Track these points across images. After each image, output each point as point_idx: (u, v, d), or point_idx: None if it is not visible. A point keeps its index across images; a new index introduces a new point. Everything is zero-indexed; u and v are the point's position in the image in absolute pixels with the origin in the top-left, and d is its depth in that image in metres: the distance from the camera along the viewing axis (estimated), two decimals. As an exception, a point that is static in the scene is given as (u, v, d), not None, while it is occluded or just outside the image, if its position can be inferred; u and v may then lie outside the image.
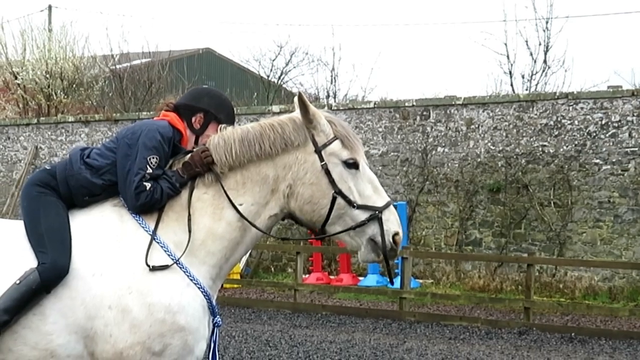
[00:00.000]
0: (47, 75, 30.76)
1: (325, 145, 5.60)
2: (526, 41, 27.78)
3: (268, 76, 38.69)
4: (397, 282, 17.97)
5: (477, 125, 20.23)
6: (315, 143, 5.59)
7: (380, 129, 21.35)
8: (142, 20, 70.44)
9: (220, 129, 5.76)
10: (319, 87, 36.18)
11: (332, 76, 33.22)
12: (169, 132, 5.67)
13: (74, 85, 31.21)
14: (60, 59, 30.91)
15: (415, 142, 20.89)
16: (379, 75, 63.27)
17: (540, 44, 27.65)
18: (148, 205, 5.52)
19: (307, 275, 20.22)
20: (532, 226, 19.73)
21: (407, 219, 20.28)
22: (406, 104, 21.21)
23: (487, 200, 20.09)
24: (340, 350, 13.18)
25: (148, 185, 5.49)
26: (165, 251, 5.45)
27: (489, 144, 20.09)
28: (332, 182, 5.52)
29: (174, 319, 5.33)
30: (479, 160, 20.19)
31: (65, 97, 30.76)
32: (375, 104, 22.05)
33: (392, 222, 5.60)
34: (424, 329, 15.30)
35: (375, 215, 5.55)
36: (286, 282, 20.09)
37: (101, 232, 5.52)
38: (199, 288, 5.48)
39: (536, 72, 27.68)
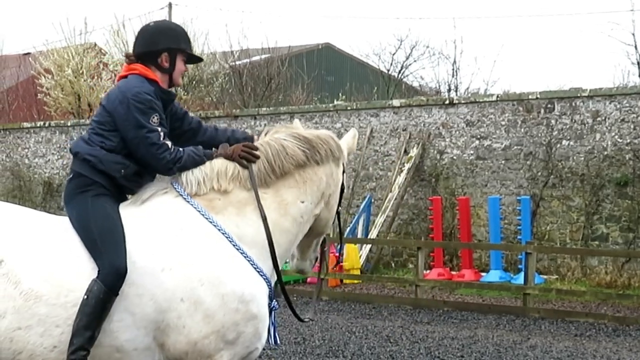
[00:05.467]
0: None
1: (344, 170, 6.20)
2: (655, 31, 27.05)
3: (388, 70, 38.63)
4: (520, 277, 17.69)
5: (603, 118, 19.69)
6: (344, 165, 6.16)
7: (503, 123, 20.98)
8: (262, 16, 70.94)
9: (184, 61, 6.00)
10: (440, 80, 36.07)
11: (453, 69, 33.08)
12: (150, 87, 5.76)
13: (194, 82, 31.57)
14: (181, 56, 31.35)
15: (539, 135, 20.45)
16: (502, 67, 62.64)
17: (669, 33, 26.89)
18: (172, 162, 5.65)
19: (428, 271, 20.00)
20: (661, 221, 19.15)
21: (530, 213, 19.91)
22: (530, 97, 20.78)
23: (614, 194, 19.54)
24: (462, 347, 12.97)
25: (169, 143, 5.64)
26: (228, 240, 5.56)
27: (616, 136, 19.54)
28: (340, 201, 6.19)
29: (247, 307, 5.46)
30: (605, 153, 19.66)
31: (185, 93, 31.12)
32: (497, 97, 21.67)
33: None
34: (549, 326, 14.95)
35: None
36: (407, 277, 19.89)
37: (165, 226, 5.58)
38: (263, 278, 5.63)
39: (665, 63, 26.92)
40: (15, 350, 5.38)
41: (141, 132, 5.60)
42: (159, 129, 5.63)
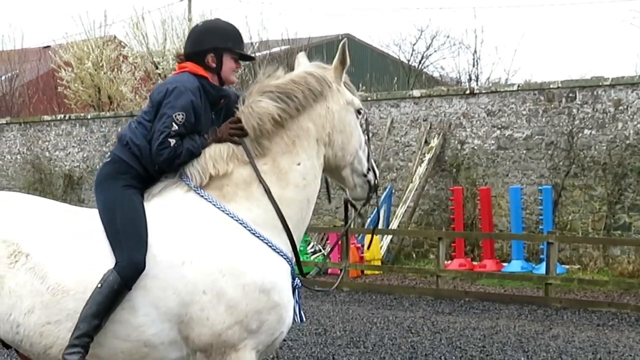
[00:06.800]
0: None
1: (345, 95, 5.93)
2: (677, 19, 26.82)
3: (408, 60, 38.56)
4: (542, 267, 17.61)
5: (625, 107, 19.55)
6: (341, 93, 5.88)
7: (524, 112, 20.87)
8: (281, 8, 70.85)
9: (234, 59, 5.98)
10: (461, 70, 35.91)
11: (474, 59, 32.85)
12: (194, 83, 5.77)
13: (214, 74, 31.56)
14: (200, 48, 31.20)
15: (561, 124, 20.34)
16: (523, 57, 62.43)
17: (692, 21, 26.65)
18: (170, 160, 5.62)
19: (449, 261, 19.95)
20: (684, 210, 19.03)
21: (552, 203, 19.81)
22: (551, 86, 20.65)
23: (637, 183, 19.40)
24: (484, 337, 12.92)
25: (172, 141, 5.60)
26: (245, 228, 5.54)
27: (639, 125, 19.40)
28: (366, 130, 6.03)
29: (268, 296, 5.43)
30: (627, 142, 19.52)
31: (206, 84, 31.07)
32: (519, 86, 21.56)
33: (368, 160, 6.06)
34: (571, 316, 14.88)
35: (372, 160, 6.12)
36: (428, 268, 19.86)
37: (181, 221, 5.56)
38: (283, 257, 5.60)
39: (688, 51, 26.71)
40: (46, 344, 5.44)
41: (158, 123, 5.63)
42: (174, 127, 5.60)
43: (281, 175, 5.66)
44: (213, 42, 5.89)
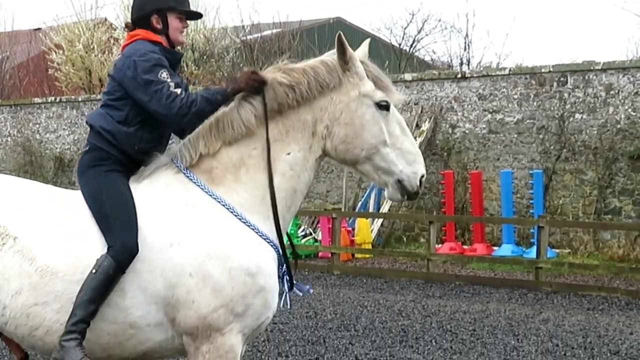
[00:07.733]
0: (178, 47, 31.03)
1: (359, 87, 5.66)
2: (668, 3, 26.85)
3: (400, 44, 38.39)
4: (532, 251, 17.63)
5: (617, 91, 19.56)
6: (353, 83, 5.66)
7: (515, 96, 20.87)
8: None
9: (179, 18, 5.94)
10: (452, 54, 35.78)
11: (465, 43, 32.75)
12: (153, 46, 5.76)
13: (205, 57, 31.45)
14: (191, 31, 31.08)
15: (552, 108, 20.34)
16: (514, 41, 62.38)
17: (684, 6, 26.69)
18: (186, 109, 5.51)
19: (440, 245, 19.97)
20: (674, 194, 19.07)
21: (543, 187, 19.83)
22: (542, 70, 20.65)
23: (628, 168, 19.44)
24: (474, 321, 12.94)
25: (178, 91, 5.52)
26: (231, 213, 5.51)
27: (630, 110, 19.42)
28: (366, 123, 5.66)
29: (254, 280, 5.41)
30: (618, 126, 19.54)
31: (197, 68, 31.01)
32: (510, 70, 21.55)
33: (420, 164, 5.77)
34: (561, 300, 14.91)
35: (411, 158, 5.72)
36: (419, 251, 19.87)
37: (170, 203, 5.55)
38: (269, 243, 5.56)
39: (679, 35, 26.71)
40: (32, 326, 5.42)
41: (150, 89, 5.54)
42: (168, 80, 5.55)
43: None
44: (155, 4, 5.88)
